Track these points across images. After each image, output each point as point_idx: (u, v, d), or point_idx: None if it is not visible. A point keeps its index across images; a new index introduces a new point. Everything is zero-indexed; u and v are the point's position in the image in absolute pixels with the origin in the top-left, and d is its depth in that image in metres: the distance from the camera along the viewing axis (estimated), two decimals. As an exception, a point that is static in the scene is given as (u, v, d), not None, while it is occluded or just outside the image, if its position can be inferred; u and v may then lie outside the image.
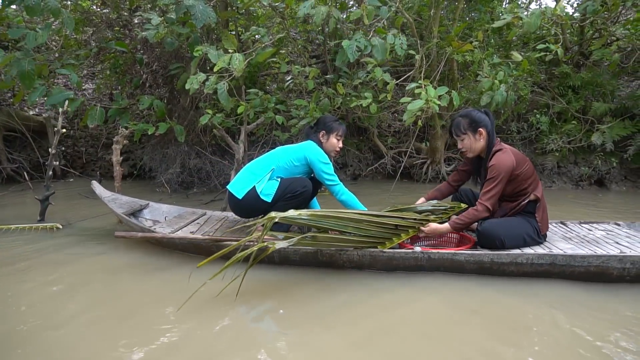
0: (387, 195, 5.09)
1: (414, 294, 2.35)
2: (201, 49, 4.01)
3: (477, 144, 2.70)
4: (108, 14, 5.59)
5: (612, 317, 2.08)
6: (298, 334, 1.97)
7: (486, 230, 2.58)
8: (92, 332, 1.98)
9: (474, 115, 2.68)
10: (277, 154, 3.04)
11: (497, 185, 2.56)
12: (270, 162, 3.00)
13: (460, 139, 2.74)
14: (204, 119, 4.30)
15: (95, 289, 2.49)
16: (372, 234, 2.53)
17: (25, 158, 5.88)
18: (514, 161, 2.57)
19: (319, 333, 1.97)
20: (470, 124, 2.67)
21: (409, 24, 5.26)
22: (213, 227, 3.31)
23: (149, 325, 2.02)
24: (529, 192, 2.65)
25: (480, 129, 2.66)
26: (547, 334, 1.93)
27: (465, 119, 2.70)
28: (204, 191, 5.30)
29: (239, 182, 2.97)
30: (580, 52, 6.28)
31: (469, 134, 2.68)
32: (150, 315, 2.13)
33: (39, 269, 2.76)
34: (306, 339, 1.92)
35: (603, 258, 2.40)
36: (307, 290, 2.42)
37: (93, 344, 1.87)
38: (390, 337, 1.93)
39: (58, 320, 2.08)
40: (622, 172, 5.59)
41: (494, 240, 2.56)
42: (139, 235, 2.78)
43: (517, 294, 2.33)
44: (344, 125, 3.15)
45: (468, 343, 1.87)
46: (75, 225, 3.80)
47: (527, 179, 2.62)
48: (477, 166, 2.87)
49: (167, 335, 1.94)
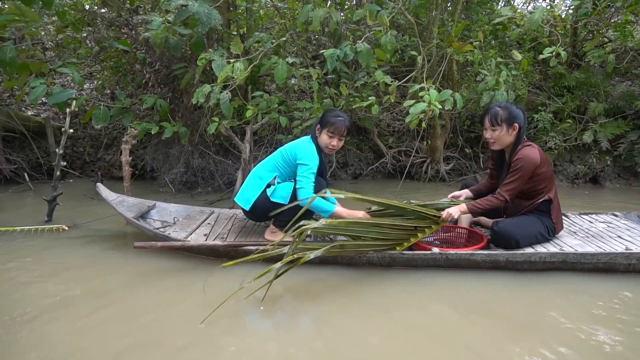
0: (390, 194, 5.17)
1: (430, 291, 2.43)
2: (205, 56, 4.02)
3: (507, 137, 2.75)
4: (108, 12, 5.55)
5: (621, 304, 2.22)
6: (320, 331, 2.03)
7: (502, 230, 2.67)
8: (123, 344, 2.01)
9: (513, 110, 2.72)
10: (278, 156, 3.04)
11: (520, 179, 2.64)
12: (274, 166, 3.01)
13: (492, 129, 2.75)
14: (211, 129, 4.33)
15: (117, 294, 2.50)
16: (393, 237, 2.60)
17: (24, 159, 5.82)
18: (539, 159, 2.65)
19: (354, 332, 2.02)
20: (508, 116, 2.71)
21: (410, 25, 5.34)
22: (225, 227, 3.34)
23: (181, 331, 2.05)
24: (545, 192, 2.74)
25: (516, 124, 2.71)
26: (562, 323, 2.03)
27: (504, 111, 2.72)
28: (208, 191, 5.31)
29: (247, 192, 3.00)
30: (573, 53, 6.43)
31: (504, 126, 2.72)
32: (177, 322, 2.14)
33: (51, 272, 2.76)
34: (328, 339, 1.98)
35: (611, 255, 2.55)
36: (329, 288, 2.48)
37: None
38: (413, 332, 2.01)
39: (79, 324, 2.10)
40: (615, 169, 5.76)
41: (509, 240, 2.65)
42: (158, 245, 2.75)
43: (530, 286, 2.44)
44: (346, 121, 2.91)
45: (484, 334, 1.96)
46: (82, 227, 3.78)
47: (545, 179, 2.71)
48: (499, 160, 2.94)
49: (200, 341, 1.97)
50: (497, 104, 2.78)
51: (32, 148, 5.83)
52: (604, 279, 2.53)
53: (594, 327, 2.01)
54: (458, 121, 6.20)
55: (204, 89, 3.89)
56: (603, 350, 1.84)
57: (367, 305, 2.26)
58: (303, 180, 2.81)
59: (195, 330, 2.02)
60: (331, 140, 2.91)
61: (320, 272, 2.66)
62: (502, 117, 2.71)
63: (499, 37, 6.20)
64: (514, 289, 2.43)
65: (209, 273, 2.59)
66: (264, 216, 3.04)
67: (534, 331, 2.00)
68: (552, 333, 1.97)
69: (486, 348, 1.87)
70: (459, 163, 6.24)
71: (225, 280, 2.48)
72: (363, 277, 2.59)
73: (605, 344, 1.89)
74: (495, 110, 2.74)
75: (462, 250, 2.63)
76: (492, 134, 2.77)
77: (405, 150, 6.25)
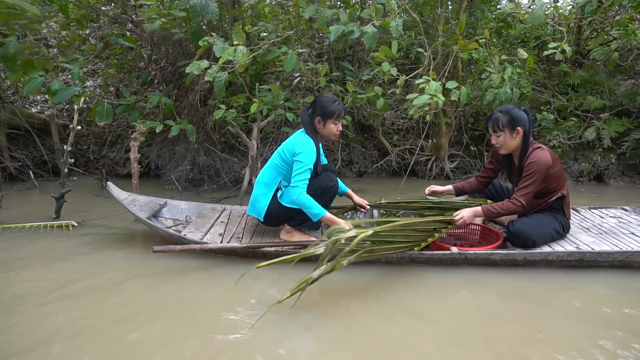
0: (395, 192, 5.18)
1: (448, 289, 2.45)
2: (207, 39, 4.00)
3: (512, 142, 2.75)
4: (113, 9, 5.52)
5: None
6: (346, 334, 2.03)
7: (518, 230, 2.68)
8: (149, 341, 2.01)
9: (514, 113, 2.70)
10: (277, 158, 2.99)
11: (534, 183, 2.63)
12: (276, 169, 2.99)
13: (496, 135, 2.76)
14: (217, 114, 4.29)
15: (136, 293, 2.50)
16: (413, 238, 2.61)
17: (29, 156, 5.78)
18: (551, 160, 2.65)
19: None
20: (509, 121, 2.70)
21: (415, 23, 5.34)
22: (239, 226, 3.32)
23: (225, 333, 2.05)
24: (558, 189, 2.75)
25: (518, 128, 2.70)
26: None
27: (505, 115, 2.71)
28: (214, 188, 5.30)
29: (257, 203, 2.99)
30: (577, 51, 6.44)
31: (507, 131, 2.72)
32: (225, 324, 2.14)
33: (60, 269, 2.76)
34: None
35: (627, 254, 2.59)
36: (352, 287, 2.49)
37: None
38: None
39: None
40: (619, 167, 5.79)
41: (526, 240, 2.66)
42: (177, 248, 2.70)
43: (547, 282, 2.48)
44: (341, 102, 2.93)
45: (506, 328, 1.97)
46: (90, 224, 3.77)
47: (557, 177, 2.72)
48: (507, 163, 2.95)
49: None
50: (499, 109, 2.77)
51: (36, 145, 5.79)
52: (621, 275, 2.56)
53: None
54: (462, 119, 6.21)
55: (201, 64, 3.85)
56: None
57: (392, 305, 2.27)
58: (296, 177, 2.77)
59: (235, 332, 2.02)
60: (337, 126, 2.91)
61: (342, 271, 2.66)
62: (503, 122, 2.71)
63: (502, 36, 6.21)
64: (531, 287, 2.45)
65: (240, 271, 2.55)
66: (281, 221, 3.04)
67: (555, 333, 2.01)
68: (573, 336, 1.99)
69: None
70: (463, 161, 6.25)
71: (249, 280, 2.48)
72: (382, 275, 2.61)
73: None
74: (496, 116, 2.73)
75: (480, 250, 2.64)
76: (497, 140, 2.77)
77: (410, 148, 6.25)
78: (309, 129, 2.91)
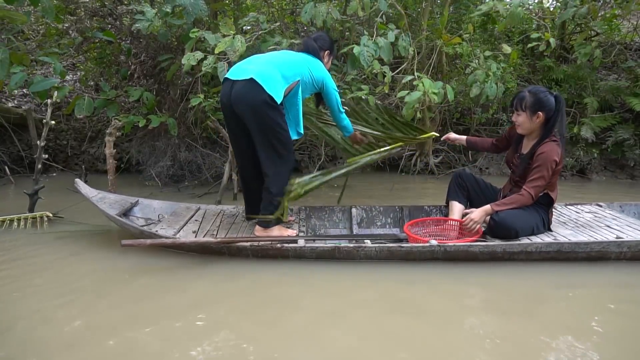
0: (382, 189, 5.15)
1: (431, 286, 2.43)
2: (197, 31, 3.92)
3: (531, 124, 2.68)
4: (92, 2, 5.40)
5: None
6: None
7: (504, 221, 2.63)
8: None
9: (541, 97, 2.62)
10: (304, 68, 2.74)
11: (545, 175, 2.60)
12: (298, 70, 2.73)
13: (517, 113, 2.70)
14: (194, 101, 4.22)
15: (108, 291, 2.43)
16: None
17: (5, 151, 5.65)
18: (559, 157, 2.63)
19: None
20: (533, 103, 2.63)
21: (399, 17, 5.30)
22: (213, 224, 3.22)
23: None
24: (547, 187, 2.73)
25: (540, 112, 2.63)
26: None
27: (532, 97, 2.64)
28: (195, 184, 5.22)
29: (270, 79, 2.61)
30: (562, 46, 6.46)
31: (527, 112, 2.65)
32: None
33: (29, 268, 2.69)
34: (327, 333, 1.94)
35: (604, 244, 2.59)
36: (328, 284, 2.45)
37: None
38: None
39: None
40: (602, 162, 5.83)
41: (509, 231, 2.63)
42: (147, 242, 2.63)
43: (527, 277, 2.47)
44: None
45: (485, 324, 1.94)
46: (64, 221, 3.67)
47: (554, 175, 2.70)
48: (517, 143, 2.90)
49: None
50: (529, 88, 2.70)
51: (13, 141, 5.66)
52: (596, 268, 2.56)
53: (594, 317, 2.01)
54: (447, 114, 6.20)
55: (196, 55, 3.77)
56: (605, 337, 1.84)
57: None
58: (340, 105, 2.90)
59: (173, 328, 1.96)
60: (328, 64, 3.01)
61: (317, 268, 2.63)
62: (527, 102, 2.63)
63: (487, 30, 6.20)
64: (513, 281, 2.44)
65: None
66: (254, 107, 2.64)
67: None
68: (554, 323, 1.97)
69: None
70: (448, 156, 6.24)
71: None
72: (361, 272, 2.58)
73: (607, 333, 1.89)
74: (522, 94, 2.66)
75: (459, 242, 2.61)
76: (517, 118, 2.71)
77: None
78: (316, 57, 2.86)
